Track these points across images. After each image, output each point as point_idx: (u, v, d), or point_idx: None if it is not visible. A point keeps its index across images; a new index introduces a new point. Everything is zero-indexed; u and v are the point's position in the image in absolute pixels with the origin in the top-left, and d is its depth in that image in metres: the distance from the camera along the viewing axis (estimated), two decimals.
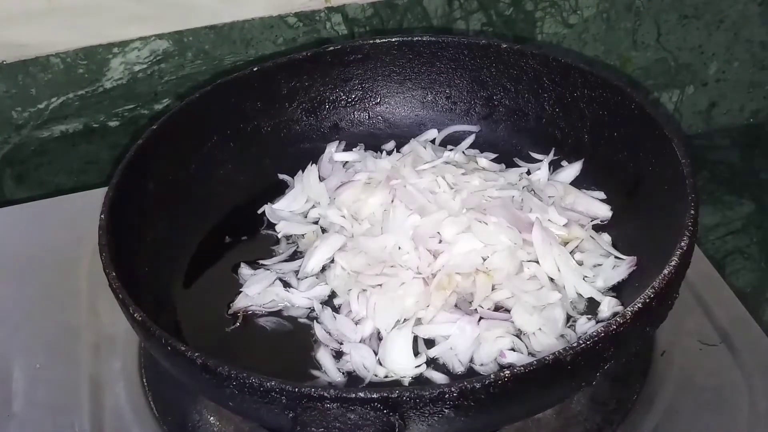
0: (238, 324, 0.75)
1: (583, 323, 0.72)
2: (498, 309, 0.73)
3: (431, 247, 0.76)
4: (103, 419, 0.73)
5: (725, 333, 0.77)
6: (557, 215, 0.79)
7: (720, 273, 0.84)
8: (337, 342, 0.72)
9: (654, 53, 1.13)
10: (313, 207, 0.86)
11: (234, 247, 0.83)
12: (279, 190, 0.88)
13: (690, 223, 0.65)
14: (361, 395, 0.55)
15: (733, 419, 0.70)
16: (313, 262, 0.78)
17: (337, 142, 0.92)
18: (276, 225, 0.84)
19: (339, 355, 0.71)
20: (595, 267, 0.77)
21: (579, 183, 0.85)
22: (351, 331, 0.72)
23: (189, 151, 0.85)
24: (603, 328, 0.58)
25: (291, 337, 0.74)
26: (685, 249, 0.63)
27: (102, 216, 0.70)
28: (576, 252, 0.78)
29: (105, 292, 0.67)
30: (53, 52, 0.94)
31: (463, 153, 0.90)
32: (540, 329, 0.71)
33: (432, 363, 0.70)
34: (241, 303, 0.76)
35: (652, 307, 0.60)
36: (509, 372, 0.55)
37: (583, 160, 0.86)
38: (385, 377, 0.69)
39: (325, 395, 0.55)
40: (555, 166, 0.87)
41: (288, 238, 0.84)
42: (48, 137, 1.00)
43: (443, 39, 0.92)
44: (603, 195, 0.84)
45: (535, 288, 0.74)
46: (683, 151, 0.71)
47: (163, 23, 0.96)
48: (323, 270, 0.79)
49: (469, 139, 0.92)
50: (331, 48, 0.91)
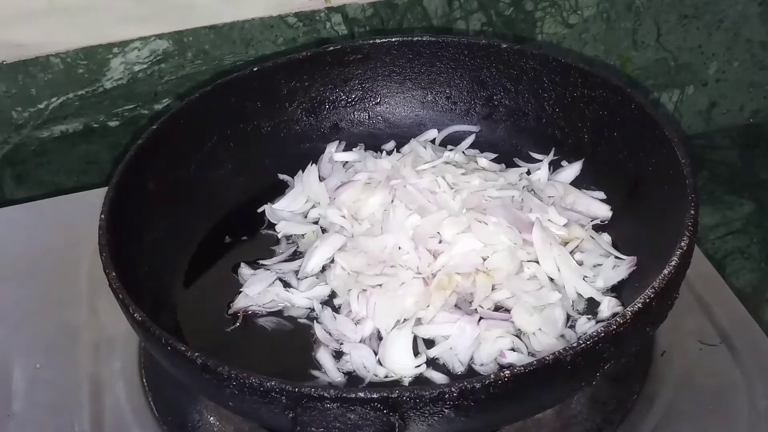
0: (238, 324, 0.75)
1: (583, 323, 0.72)
2: (498, 309, 0.73)
3: (431, 247, 0.76)
4: (103, 419, 0.73)
5: (725, 333, 0.77)
6: (557, 215, 0.79)
7: (720, 273, 0.84)
8: (337, 342, 0.72)
9: (654, 53, 1.13)
10: (313, 207, 0.86)
11: (234, 247, 0.83)
12: (279, 190, 0.88)
13: (690, 223, 0.65)
14: (361, 395, 0.55)
15: (733, 419, 0.70)
16: (313, 262, 0.78)
17: (337, 142, 0.92)
18: (276, 225, 0.84)
19: (339, 355, 0.71)
20: (595, 267, 0.77)
21: (579, 183, 0.85)
22: (351, 331, 0.72)
23: (189, 151, 0.85)
24: (603, 328, 0.58)
25: (291, 337, 0.74)
26: (685, 249, 0.63)
27: (102, 216, 0.70)
28: (576, 252, 0.78)
29: (105, 292, 0.67)
30: (53, 52, 0.94)
31: (463, 153, 0.90)
32: (540, 329, 0.71)
33: (432, 363, 0.70)
34: (241, 303, 0.76)
35: (652, 307, 0.60)
36: (509, 372, 0.55)
37: (583, 160, 0.86)
38: (385, 377, 0.69)
39: (325, 395, 0.55)
40: (555, 166, 0.87)
41: (288, 238, 0.84)
42: (48, 137, 1.00)
43: (443, 39, 0.92)
44: (603, 195, 0.84)
45: (535, 288, 0.74)
46: (683, 151, 0.71)
47: (163, 23, 0.96)
48: (323, 270, 0.79)
49: (469, 139, 0.92)
50: (331, 48, 0.91)
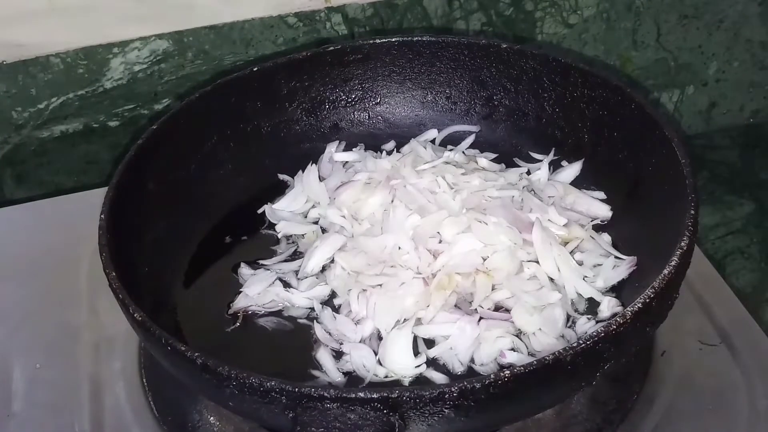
0: (238, 324, 0.75)
1: (583, 323, 0.72)
2: (498, 309, 0.73)
3: (431, 247, 0.76)
4: (103, 419, 0.73)
5: (725, 333, 0.77)
6: (557, 215, 0.79)
7: (720, 273, 0.84)
8: (337, 342, 0.72)
9: (654, 53, 1.13)
10: (313, 207, 0.86)
11: (234, 247, 0.83)
12: (279, 190, 0.88)
13: (690, 223, 0.65)
14: (361, 395, 0.55)
15: (733, 419, 0.70)
16: (313, 262, 0.78)
17: (337, 142, 0.92)
18: (276, 225, 0.84)
19: (339, 355, 0.71)
20: (595, 267, 0.77)
21: (579, 183, 0.85)
22: (351, 331, 0.72)
23: (189, 151, 0.85)
24: (603, 328, 0.58)
25: (291, 337, 0.74)
26: (685, 249, 0.63)
27: (102, 216, 0.70)
28: (576, 252, 0.78)
29: (105, 292, 0.67)
30: (53, 52, 0.94)
31: (463, 153, 0.90)
32: (540, 329, 0.71)
33: (432, 363, 0.70)
34: (241, 303, 0.76)
35: (652, 307, 0.60)
36: (509, 372, 0.55)
37: (583, 160, 0.86)
38: (385, 377, 0.69)
39: (325, 395, 0.55)
40: (555, 166, 0.87)
41: (288, 238, 0.84)
42: (48, 137, 1.00)
43: (443, 39, 0.92)
44: (603, 195, 0.84)
45: (535, 288, 0.74)
46: (683, 151, 0.71)
47: (163, 23, 0.96)
48: (323, 270, 0.79)
49: (469, 139, 0.92)
50: (331, 48, 0.91)
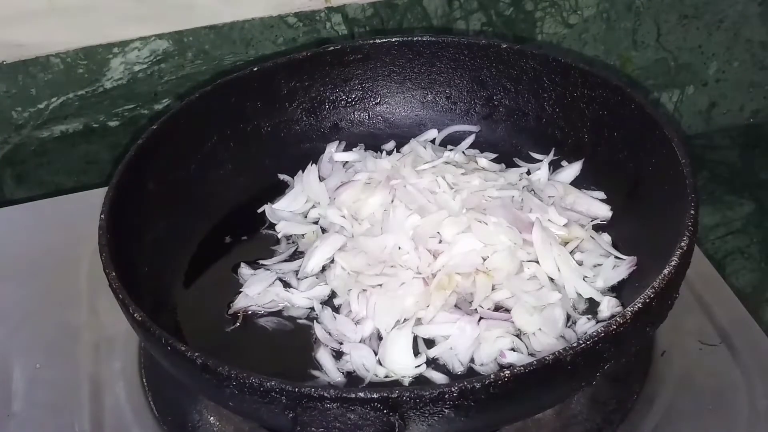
0: (238, 324, 0.75)
1: (583, 323, 0.72)
2: (498, 309, 0.73)
3: (431, 247, 0.76)
4: (103, 419, 0.73)
5: (725, 333, 0.77)
6: (557, 215, 0.79)
7: (720, 273, 0.84)
8: (337, 342, 0.72)
9: (654, 53, 1.13)
10: (313, 207, 0.86)
11: (234, 247, 0.83)
12: (279, 190, 0.88)
13: (690, 223, 0.65)
14: (361, 395, 0.55)
15: (733, 419, 0.70)
16: (313, 262, 0.78)
17: (337, 142, 0.92)
18: (276, 225, 0.84)
19: (339, 355, 0.71)
20: (595, 267, 0.77)
21: (579, 183, 0.85)
22: (351, 331, 0.72)
23: (189, 151, 0.85)
24: (603, 328, 0.58)
25: (291, 337, 0.74)
26: (685, 249, 0.63)
27: (102, 216, 0.70)
28: (576, 252, 0.78)
29: (105, 292, 0.67)
30: (53, 52, 0.94)
31: (463, 153, 0.90)
32: (540, 329, 0.71)
33: (432, 363, 0.70)
34: (241, 303, 0.76)
35: (652, 307, 0.60)
36: (509, 372, 0.55)
37: (583, 160, 0.86)
38: (385, 377, 0.69)
39: (325, 395, 0.55)
40: (555, 166, 0.87)
41: (288, 238, 0.84)
42: (48, 137, 1.00)
43: (443, 39, 0.92)
44: (603, 195, 0.84)
45: (535, 288, 0.74)
46: (683, 151, 0.71)
47: (163, 23, 0.96)
48: (323, 270, 0.79)
49: (469, 139, 0.92)
50: (331, 48, 0.91)
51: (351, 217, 0.82)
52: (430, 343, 0.71)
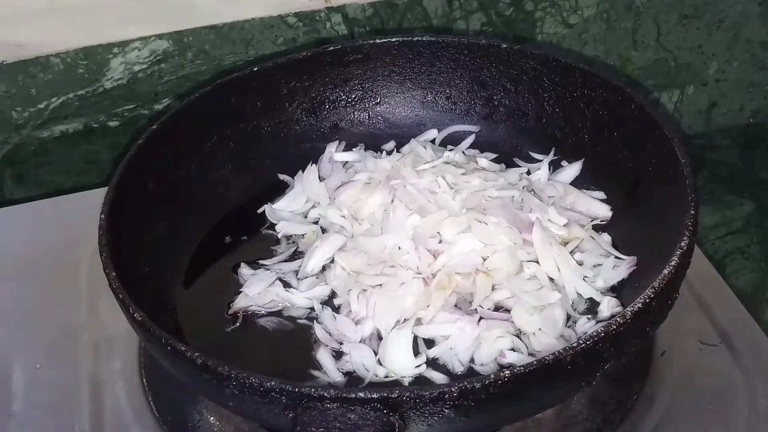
0: (238, 324, 0.75)
1: (583, 323, 0.72)
2: (498, 309, 0.73)
3: (431, 247, 0.76)
4: (103, 419, 0.73)
5: (725, 333, 0.77)
6: (557, 215, 0.79)
7: (720, 273, 0.84)
8: (337, 342, 0.72)
9: (654, 53, 1.13)
10: (313, 207, 0.86)
11: (234, 247, 0.83)
12: (279, 190, 0.88)
13: (690, 223, 0.65)
14: (361, 395, 0.55)
15: (733, 419, 0.70)
16: (313, 262, 0.78)
17: (337, 142, 0.92)
18: (276, 225, 0.84)
19: (339, 355, 0.71)
20: (595, 267, 0.77)
21: (579, 183, 0.85)
22: (351, 331, 0.72)
23: (189, 151, 0.85)
24: (603, 328, 0.58)
25: (291, 337, 0.74)
26: (685, 249, 0.63)
27: (102, 216, 0.70)
28: (576, 252, 0.78)
29: (105, 292, 0.67)
30: (53, 52, 0.94)
31: (463, 153, 0.90)
32: (540, 329, 0.71)
33: (432, 363, 0.70)
34: (241, 303, 0.76)
35: (652, 307, 0.60)
36: (509, 372, 0.55)
37: (583, 160, 0.86)
38: (385, 377, 0.69)
39: (325, 395, 0.55)
40: (555, 166, 0.87)
41: (288, 238, 0.84)
42: (48, 137, 1.00)
43: (443, 39, 0.92)
44: (603, 195, 0.84)
45: (535, 288, 0.74)
46: (683, 151, 0.71)
47: (163, 23, 0.96)
48: (323, 270, 0.79)
49: (469, 139, 0.92)
50: (331, 48, 0.91)
51: (351, 217, 0.82)
52: (430, 343, 0.71)
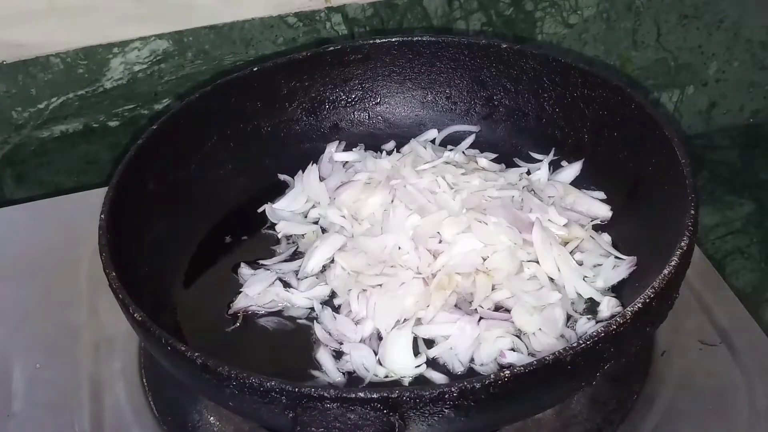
0: (238, 324, 0.75)
1: (583, 323, 0.72)
2: (498, 309, 0.73)
3: (431, 247, 0.76)
4: (103, 419, 0.73)
5: (725, 333, 0.77)
6: (557, 215, 0.79)
7: (720, 273, 0.84)
8: (337, 342, 0.72)
9: (654, 53, 1.13)
10: (313, 207, 0.86)
11: (234, 247, 0.83)
12: (279, 190, 0.88)
13: (690, 223, 0.65)
14: (361, 395, 0.55)
15: (733, 419, 0.70)
16: (313, 262, 0.78)
17: (337, 142, 0.92)
18: (276, 225, 0.84)
19: (339, 355, 0.71)
20: (595, 267, 0.77)
21: (579, 183, 0.85)
22: (351, 331, 0.72)
23: (189, 151, 0.85)
24: (603, 328, 0.58)
25: (291, 337, 0.74)
26: (685, 249, 0.63)
27: (102, 216, 0.70)
28: (576, 252, 0.78)
29: (105, 292, 0.67)
30: (53, 52, 0.94)
31: (463, 153, 0.90)
32: (540, 329, 0.71)
33: (432, 363, 0.70)
34: (241, 303, 0.76)
35: (652, 307, 0.60)
36: (509, 372, 0.55)
37: (583, 160, 0.86)
38: (385, 377, 0.69)
39: (325, 395, 0.55)
40: (555, 166, 0.87)
41: (288, 238, 0.84)
42: (48, 137, 1.00)
43: (443, 39, 0.92)
44: (603, 195, 0.84)
45: (535, 288, 0.74)
46: (683, 151, 0.71)
47: (163, 23, 0.96)
48: (323, 270, 0.79)
49: (469, 139, 0.92)
50: (331, 48, 0.91)
51: (351, 217, 0.82)
52: (430, 343, 0.71)
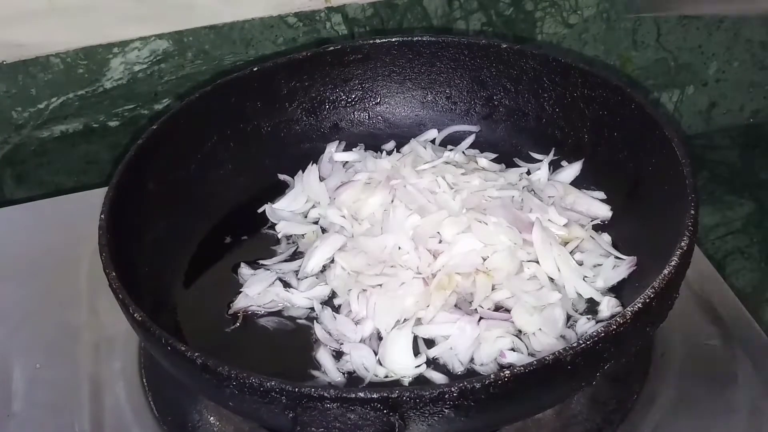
0: (238, 324, 0.75)
1: (583, 323, 0.72)
2: (498, 309, 0.73)
3: (431, 247, 0.76)
4: (103, 419, 0.73)
5: (725, 333, 0.77)
6: (557, 215, 0.79)
7: (720, 273, 0.84)
8: (337, 342, 0.72)
9: (654, 53, 1.13)
10: (313, 207, 0.86)
11: (234, 247, 0.83)
12: (279, 190, 0.88)
13: (690, 223, 0.65)
14: (361, 395, 0.55)
15: (733, 419, 0.70)
16: (313, 262, 0.78)
17: (337, 142, 0.92)
18: (276, 225, 0.84)
19: (339, 355, 0.71)
20: (595, 267, 0.77)
21: (579, 183, 0.85)
22: (351, 331, 0.72)
23: (189, 151, 0.85)
24: (603, 328, 0.58)
25: (291, 337, 0.74)
26: (685, 249, 0.63)
27: (102, 216, 0.70)
28: (576, 252, 0.78)
29: (105, 292, 0.67)
30: (53, 52, 0.94)
31: (463, 153, 0.90)
32: (540, 329, 0.71)
33: (432, 363, 0.70)
34: (241, 303, 0.76)
35: (652, 307, 0.60)
36: (509, 372, 0.55)
37: (583, 160, 0.86)
38: (385, 377, 0.69)
39: (325, 395, 0.55)
40: (555, 166, 0.87)
41: (288, 238, 0.84)
42: (48, 137, 1.00)
43: (443, 39, 0.92)
44: (603, 195, 0.84)
45: (535, 288, 0.74)
46: (683, 151, 0.71)
47: (163, 23, 0.96)
48: (323, 270, 0.79)
49: (469, 139, 0.92)
50: (331, 48, 0.91)
51: (351, 217, 0.82)
52: (430, 343, 0.71)
